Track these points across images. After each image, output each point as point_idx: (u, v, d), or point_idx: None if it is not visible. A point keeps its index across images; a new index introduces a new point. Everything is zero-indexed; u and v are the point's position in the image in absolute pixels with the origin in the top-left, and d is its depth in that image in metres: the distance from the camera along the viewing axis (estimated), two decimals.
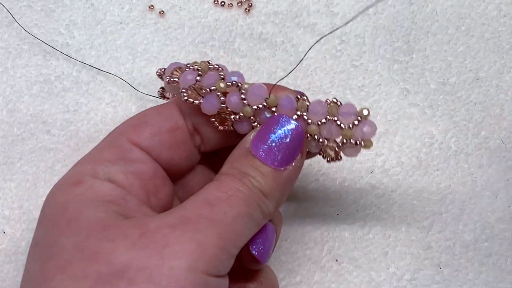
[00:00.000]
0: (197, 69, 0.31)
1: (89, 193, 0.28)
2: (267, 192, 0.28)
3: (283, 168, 0.29)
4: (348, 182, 0.39)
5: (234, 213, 0.27)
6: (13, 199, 0.38)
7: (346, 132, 0.30)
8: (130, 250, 0.25)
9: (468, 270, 0.38)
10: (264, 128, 0.29)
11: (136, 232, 0.26)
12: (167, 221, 0.26)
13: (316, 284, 0.37)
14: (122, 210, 0.28)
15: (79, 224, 0.27)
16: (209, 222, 0.26)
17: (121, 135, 0.31)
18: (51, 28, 0.41)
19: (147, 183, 0.30)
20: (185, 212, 0.27)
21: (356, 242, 0.38)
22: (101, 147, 0.31)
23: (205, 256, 0.25)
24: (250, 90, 0.30)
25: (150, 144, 0.31)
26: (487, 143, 0.40)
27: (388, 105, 0.40)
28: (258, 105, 0.30)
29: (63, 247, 0.26)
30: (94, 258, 0.25)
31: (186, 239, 0.25)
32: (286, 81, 0.41)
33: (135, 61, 0.41)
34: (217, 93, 0.30)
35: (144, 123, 0.31)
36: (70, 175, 0.30)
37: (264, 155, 0.29)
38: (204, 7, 0.42)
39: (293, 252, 0.38)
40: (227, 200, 0.27)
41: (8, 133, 0.39)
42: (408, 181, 0.39)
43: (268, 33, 0.41)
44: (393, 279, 0.37)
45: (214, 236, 0.26)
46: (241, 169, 0.29)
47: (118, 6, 0.42)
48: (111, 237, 0.26)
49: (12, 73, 0.40)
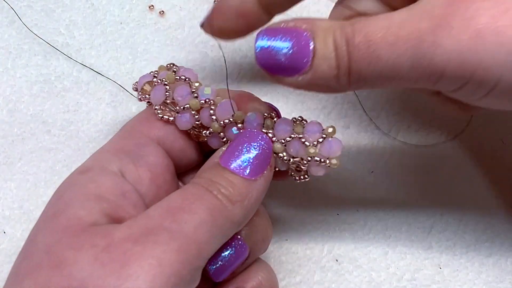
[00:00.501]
0: (164, 84, 0.32)
1: (89, 183, 0.29)
2: (235, 199, 0.28)
3: (254, 179, 0.29)
4: (348, 182, 0.39)
5: (196, 222, 0.27)
6: (13, 199, 0.38)
7: (310, 149, 0.30)
8: (92, 264, 0.25)
9: (468, 270, 0.38)
10: (233, 143, 0.30)
11: (101, 243, 0.26)
12: (131, 233, 0.26)
13: (316, 284, 0.37)
14: (113, 209, 0.28)
15: (58, 222, 0.27)
16: (169, 234, 0.26)
17: (136, 127, 0.32)
18: (51, 28, 0.41)
19: (158, 177, 0.31)
20: (148, 222, 0.27)
21: (356, 242, 0.38)
22: (116, 139, 0.32)
23: (164, 275, 0.25)
24: (218, 106, 0.31)
25: (164, 134, 0.32)
26: (488, 143, 0.40)
27: (389, 105, 0.40)
28: (224, 120, 0.31)
29: (37, 247, 0.27)
30: (58, 267, 0.26)
31: (145, 256, 0.25)
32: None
33: (135, 61, 0.41)
34: (191, 111, 0.31)
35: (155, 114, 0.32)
36: (85, 163, 0.31)
37: (233, 167, 0.29)
38: (204, 7, 0.42)
39: (293, 252, 0.38)
40: (188, 208, 0.27)
41: (8, 133, 0.39)
42: (409, 181, 0.39)
43: None
44: (393, 279, 0.37)
45: (174, 250, 0.26)
46: (210, 178, 0.29)
47: (118, 6, 0.42)
48: (78, 245, 0.26)
49: (12, 73, 0.40)
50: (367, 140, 0.40)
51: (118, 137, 0.32)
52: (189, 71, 0.33)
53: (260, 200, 0.30)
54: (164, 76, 0.32)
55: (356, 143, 0.40)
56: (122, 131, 0.33)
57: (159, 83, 0.32)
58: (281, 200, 0.39)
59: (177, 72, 0.33)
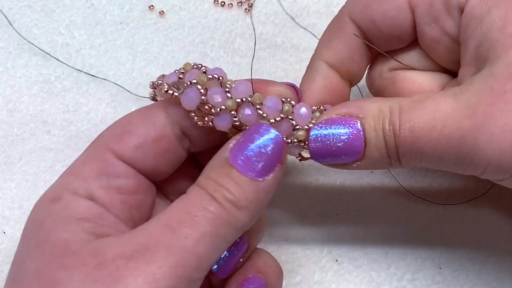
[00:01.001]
0: (180, 71, 0.31)
1: (65, 211, 0.28)
2: (242, 204, 0.27)
3: (262, 179, 0.28)
4: (348, 182, 0.39)
5: (197, 236, 0.26)
6: (13, 199, 0.38)
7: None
8: (84, 282, 0.25)
9: (468, 270, 0.38)
10: (244, 137, 0.29)
11: (92, 261, 0.26)
12: (124, 250, 0.26)
13: (316, 284, 0.37)
14: (96, 228, 0.28)
15: (44, 247, 0.27)
16: (166, 250, 0.26)
17: (105, 146, 0.30)
18: (51, 28, 0.41)
19: (129, 198, 0.30)
20: (144, 239, 0.26)
21: (356, 242, 0.38)
22: (83, 160, 0.31)
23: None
24: (236, 84, 0.30)
25: (135, 155, 0.30)
26: None
27: None
28: (242, 99, 0.29)
29: (27, 271, 0.27)
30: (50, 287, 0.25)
31: (139, 272, 0.25)
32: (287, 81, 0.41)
33: (135, 61, 0.41)
34: (197, 86, 0.29)
35: (128, 132, 0.30)
36: (51, 190, 0.30)
37: (242, 164, 0.28)
38: (204, 7, 0.42)
39: (293, 252, 0.38)
40: (190, 222, 0.26)
41: (8, 133, 0.39)
42: (409, 181, 0.39)
43: (268, 33, 0.41)
44: (394, 279, 0.37)
45: (170, 265, 0.25)
46: (216, 180, 0.28)
47: (118, 6, 0.42)
48: (69, 265, 0.26)
49: (12, 73, 0.40)
50: None
51: (87, 156, 0.31)
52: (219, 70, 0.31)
53: (269, 200, 0.29)
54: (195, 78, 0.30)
55: None
56: (91, 148, 0.31)
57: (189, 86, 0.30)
58: (281, 200, 0.39)
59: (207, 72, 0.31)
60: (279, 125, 0.30)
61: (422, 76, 0.33)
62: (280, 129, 0.29)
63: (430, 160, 0.28)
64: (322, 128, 0.29)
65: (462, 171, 0.28)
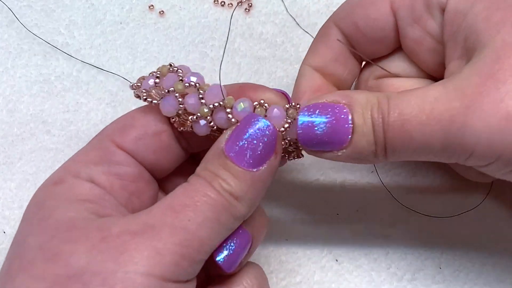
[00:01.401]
0: (156, 75, 0.31)
1: (68, 192, 0.29)
2: (238, 194, 0.28)
3: (256, 169, 0.28)
4: (348, 182, 0.39)
5: (199, 220, 0.27)
6: (13, 199, 0.38)
7: None
8: (89, 253, 0.26)
9: (468, 270, 0.38)
10: (238, 128, 0.29)
11: (98, 235, 0.26)
12: (129, 227, 0.26)
13: (316, 284, 0.37)
14: (98, 208, 0.28)
15: (48, 223, 0.27)
16: (170, 230, 0.26)
17: (107, 137, 0.31)
18: (51, 28, 0.41)
19: (129, 184, 0.31)
20: (149, 218, 0.27)
21: (356, 242, 0.38)
22: (86, 149, 0.31)
23: (163, 263, 0.26)
24: (208, 90, 0.30)
25: (135, 147, 0.31)
26: None
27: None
28: (213, 104, 0.30)
29: (29, 246, 0.27)
30: (54, 259, 0.26)
31: (145, 246, 0.26)
32: (287, 81, 0.41)
33: (135, 61, 0.41)
34: (175, 95, 0.30)
35: (130, 125, 0.31)
36: (54, 174, 0.31)
37: (236, 155, 0.28)
38: (204, 7, 0.42)
39: (293, 252, 0.38)
40: (192, 206, 0.27)
41: (8, 133, 0.39)
42: (409, 181, 0.39)
43: (268, 33, 0.41)
44: (394, 279, 0.37)
45: (174, 243, 0.26)
46: (213, 171, 0.28)
47: (118, 6, 0.42)
48: (73, 238, 0.26)
49: (12, 73, 0.40)
50: None
51: (90, 146, 0.32)
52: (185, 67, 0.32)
53: (265, 190, 0.29)
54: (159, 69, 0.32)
55: None
56: (94, 140, 0.32)
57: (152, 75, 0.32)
58: (281, 200, 0.39)
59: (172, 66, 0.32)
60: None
61: (407, 82, 0.33)
62: None
63: (417, 147, 0.27)
64: (310, 115, 0.29)
65: (448, 158, 0.28)
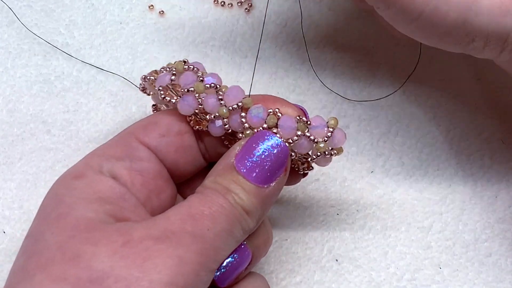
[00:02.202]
0: (172, 70, 0.31)
1: (87, 189, 0.29)
2: (249, 209, 0.28)
3: (266, 186, 0.29)
4: (348, 182, 0.39)
5: (217, 230, 0.27)
6: (13, 199, 0.38)
7: (320, 144, 0.30)
8: (111, 257, 0.25)
9: (468, 270, 0.38)
10: (249, 143, 0.29)
11: (119, 239, 0.26)
12: (151, 233, 0.26)
13: (316, 284, 0.37)
14: (117, 210, 0.28)
15: (66, 221, 0.27)
16: (191, 238, 0.27)
17: (131, 133, 0.31)
18: (51, 28, 0.41)
19: (149, 182, 0.31)
20: (169, 225, 0.27)
21: (356, 242, 0.38)
22: (109, 144, 0.31)
23: (185, 272, 0.26)
24: (228, 91, 0.30)
25: (158, 144, 0.31)
26: (488, 143, 0.40)
27: (388, 105, 0.40)
28: (232, 106, 0.30)
29: (47, 244, 0.27)
30: (75, 261, 0.25)
31: (168, 253, 0.26)
32: (287, 81, 0.41)
33: (135, 61, 0.40)
34: (194, 94, 0.30)
35: (154, 123, 0.31)
36: (75, 167, 0.30)
37: (248, 171, 0.29)
38: (204, 7, 0.42)
39: (293, 252, 0.38)
40: (210, 216, 0.27)
41: (8, 133, 0.39)
42: (409, 181, 0.39)
43: (268, 33, 0.41)
44: (393, 279, 0.37)
45: (195, 252, 0.26)
46: (224, 185, 0.28)
47: (118, 6, 0.41)
48: (94, 240, 0.26)
49: (12, 73, 0.40)
50: (367, 140, 0.40)
51: (112, 141, 0.32)
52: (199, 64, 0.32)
53: (272, 205, 0.30)
54: (173, 65, 0.32)
55: (356, 143, 0.40)
56: (117, 136, 0.32)
57: (167, 71, 0.32)
58: (281, 200, 0.39)
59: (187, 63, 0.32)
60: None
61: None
62: None
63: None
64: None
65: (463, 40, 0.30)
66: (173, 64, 0.32)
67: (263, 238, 0.31)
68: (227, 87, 0.31)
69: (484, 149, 0.40)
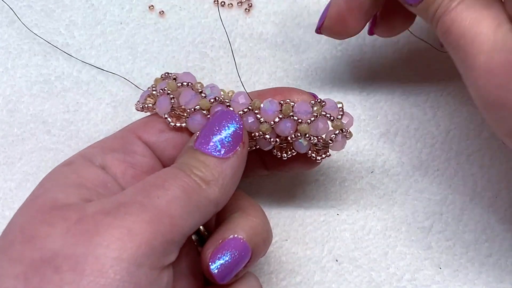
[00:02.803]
0: (167, 93, 0.32)
1: (71, 174, 0.29)
2: (209, 179, 0.29)
3: (226, 157, 0.30)
4: (348, 182, 0.39)
5: (168, 197, 0.27)
6: (13, 199, 0.38)
7: (337, 123, 0.32)
8: (64, 235, 0.26)
9: (468, 270, 0.38)
10: (205, 126, 0.30)
11: (74, 216, 0.26)
12: (103, 207, 0.27)
13: (317, 284, 0.37)
14: (93, 195, 0.28)
15: (35, 203, 0.28)
16: (140, 207, 0.26)
17: (129, 130, 0.32)
18: (51, 28, 0.41)
19: (141, 175, 0.31)
20: (121, 198, 0.27)
21: (356, 242, 0.38)
22: (108, 138, 0.32)
23: (134, 243, 0.25)
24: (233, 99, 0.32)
25: (156, 140, 0.32)
26: (488, 143, 0.40)
27: (388, 105, 0.40)
28: (243, 110, 0.31)
29: (13, 226, 0.27)
30: (30, 242, 0.26)
31: (115, 225, 0.26)
32: (287, 81, 0.41)
33: (135, 61, 0.41)
34: (202, 111, 0.32)
35: (154, 120, 0.32)
36: (72, 156, 0.31)
37: (207, 147, 0.29)
38: (204, 7, 0.42)
39: (294, 252, 0.38)
40: (162, 185, 0.28)
41: (8, 133, 0.39)
42: (409, 181, 0.39)
43: (268, 33, 0.41)
44: (393, 279, 0.37)
45: (145, 221, 0.26)
46: (182, 161, 0.29)
47: (118, 6, 0.41)
48: (51, 220, 0.26)
49: (12, 73, 0.40)
50: (367, 140, 0.40)
51: (111, 136, 0.33)
52: (188, 75, 0.33)
53: (237, 178, 0.30)
54: (165, 86, 0.32)
55: (356, 143, 0.40)
56: (117, 132, 0.33)
57: (161, 93, 0.32)
58: (281, 201, 0.39)
59: (177, 79, 0.33)
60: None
61: None
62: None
63: None
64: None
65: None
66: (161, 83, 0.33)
67: (262, 236, 0.31)
68: (229, 92, 0.32)
69: (484, 149, 0.40)
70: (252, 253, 0.30)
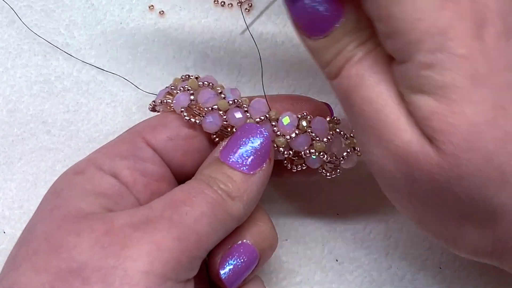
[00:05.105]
0: (187, 89, 0.32)
1: (86, 183, 0.29)
2: (235, 194, 0.29)
3: (252, 173, 0.29)
4: (348, 182, 0.39)
5: (196, 214, 0.27)
6: (13, 199, 0.38)
7: (350, 140, 0.33)
8: (92, 247, 0.26)
9: (469, 270, 0.38)
10: (232, 138, 0.30)
11: (101, 227, 0.26)
12: (131, 220, 0.27)
13: (317, 284, 0.37)
14: (113, 205, 0.28)
15: (58, 212, 0.28)
16: (169, 223, 0.27)
17: (137, 133, 0.32)
18: (51, 28, 0.41)
19: (152, 183, 0.31)
20: (149, 212, 0.27)
21: (357, 242, 0.38)
22: (115, 141, 0.32)
23: (163, 259, 0.26)
24: (252, 104, 0.32)
25: (164, 147, 0.31)
26: None
27: None
28: (260, 117, 0.31)
29: (36, 234, 0.27)
30: (57, 251, 0.26)
31: (145, 240, 0.26)
32: (287, 81, 0.41)
33: (135, 61, 0.41)
34: (219, 112, 0.31)
35: (163, 125, 0.32)
36: (78, 164, 0.31)
37: (233, 160, 0.29)
38: (204, 7, 0.42)
39: (294, 252, 0.38)
40: (189, 201, 0.28)
41: (8, 133, 0.39)
42: None
43: (268, 33, 0.41)
44: (394, 279, 0.37)
45: (173, 238, 0.26)
46: (209, 174, 0.29)
47: (118, 6, 0.41)
48: (78, 230, 0.26)
49: (12, 73, 0.40)
50: None
51: (118, 139, 0.32)
52: (210, 77, 0.33)
53: (260, 194, 0.30)
54: (186, 84, 0.32)
55: None
56: (124, 134, 0.32)
57: (182, 90, 0.32)
58: (282, 201, 0.39)
59: (199, 79, 0.33)
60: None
61: None
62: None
63: None
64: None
65: None
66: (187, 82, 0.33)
67: (269, 241, 0.32)
68: (247, 100, 0.32)
69: None
70: (259, 258, 0.31)
